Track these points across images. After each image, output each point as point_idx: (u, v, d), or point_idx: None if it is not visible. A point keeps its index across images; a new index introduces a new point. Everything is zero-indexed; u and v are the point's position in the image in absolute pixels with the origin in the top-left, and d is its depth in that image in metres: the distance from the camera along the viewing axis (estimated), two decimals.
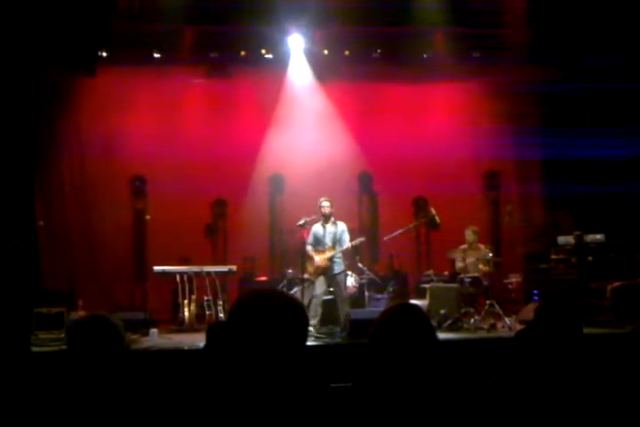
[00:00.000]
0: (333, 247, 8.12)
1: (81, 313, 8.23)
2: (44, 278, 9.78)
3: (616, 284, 8.28)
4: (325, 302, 8.33)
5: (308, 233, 8.32)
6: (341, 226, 8.24)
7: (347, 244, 8.13)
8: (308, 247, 8.21)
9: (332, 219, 8.21)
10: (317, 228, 8.23)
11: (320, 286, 8.10)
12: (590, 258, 8.81)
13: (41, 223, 9.35)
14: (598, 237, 8.94)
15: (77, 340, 2.30)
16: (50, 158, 10.39)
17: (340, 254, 8.17)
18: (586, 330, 2.47)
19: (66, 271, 9.98)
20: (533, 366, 2.30)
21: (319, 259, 8.09)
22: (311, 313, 7.92)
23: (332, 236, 8.16)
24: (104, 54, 9.85)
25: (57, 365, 2.30)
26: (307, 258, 8.26)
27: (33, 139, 9.87)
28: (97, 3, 8.96)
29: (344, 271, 8.33)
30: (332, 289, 8.24)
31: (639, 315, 7.19)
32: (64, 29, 9.22)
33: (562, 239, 9.25)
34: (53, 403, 2.15)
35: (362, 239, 8.34)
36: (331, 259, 8.08)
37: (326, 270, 8.08)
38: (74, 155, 10.59)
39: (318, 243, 8.20)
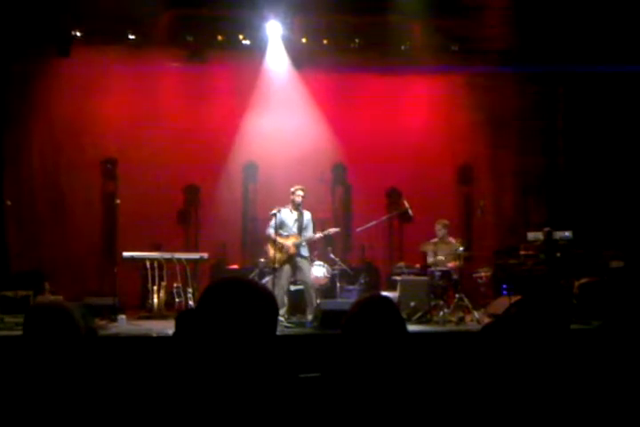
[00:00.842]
0: (299, 235, 8.13)
1: (48, 297, 8.15)
2: (11, 261, 9.66)
3: (583, 280, 8.41)
4: (293, 292, 8.33)
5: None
6: (307, 215, 8.27)
7: (311, 233, 8.15)
8: (270, 230, 8.14)
9: (300, 207, 8.22)
10: (285, 213, 8.20)
11: (285, 274, 8.05)
12: (559, 254, 8.93)
13: (8, 203, 9.20)
14: (567, 233, 9.06)
15: (32, 326, 2.27)
16: (19, 138, 10.22)
17: (304, 243, 8.17)
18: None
19: (34, 254, 9.86)
20: (500, 359, 2.32)
21: (288, 243, 8.04)
22: (279, 302, 7.90)
23: (299, 223, 8.18)
24: (78, 34, 9.67)
25: (16, 350, 2.26)
26: (269, 241, 8.19)
27: (1, 120, 9.72)
28: None
29: (309, 257, 8.33)
30: (298, 278, 8.22)
31: (606, 311, 7.31)
32: (37, 9, 9.06)
33: (531, 235, 9.35)
34: (11, 390, 2.12)
35: (336, 229, 8.36)
36: (297, 246, 8.08)
37: (292, 257, 8.06)
38: (45, 135, 10.40)
39: (282, 228, 8.16)
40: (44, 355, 2.20)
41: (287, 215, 8.21)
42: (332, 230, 8.27)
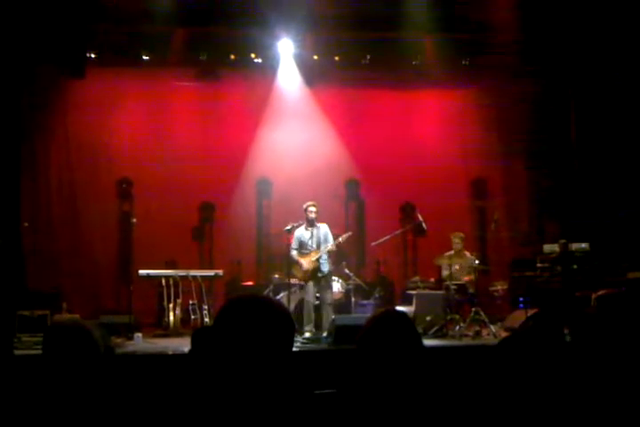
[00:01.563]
0: (318, 249, 8.13)
1: (65, 316, 8.18)
2: (28, 280, 9.72)
3: (601, 292, 8.32)
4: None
5: (292, 237, 8.30)
6: (324, 228, 8.27)
7: (331, 243, 8.15)
8: (293, 252, 8.19)
9: (315, 223, 8.22)
10: (301, 232, 8.22)
11: (310, 290, 8.08)
12: (575, 266, 8.85)
13: (26, 224, 9.29)
14: (583, 245, 8.99)
15: (51, 346, 2.28)
16: (37, 160, 10.34)
17: (325, 256, 8.17)
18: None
19: (51, 274, 9.91)
20: (517, 373, 2.31)
21: (306, 262, 8.07)
22: (305, 319, 7.91)
23: (317, 239, 8.18)
24: (92, 56, 9.82)
25: (36, 369, 2.27)
26: (292, 263, 8.23)
27: (19, 141, 9.83)
28: (85, 4, 8.93)
29: (331, 272, 8.33)
30: (318, 293, 8.23)
31: (623, 323, 7.22)
32: (52, 31, 9.20)
33: (547, 247, 9.29)
34: (31, 407, 2.13)
35: (349, 234, 8.35)
36: (317, 260, 8.08)
37: (315, 273, 8.08)
38: (61, 157, 10.52)
39: (302, 247, 8.19)
40: (63, 374, 2.21)
41: (303, 233, 8.23)
42: (345, 236, 8.27)
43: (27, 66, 9.45)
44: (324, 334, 7.77)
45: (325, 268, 8.18)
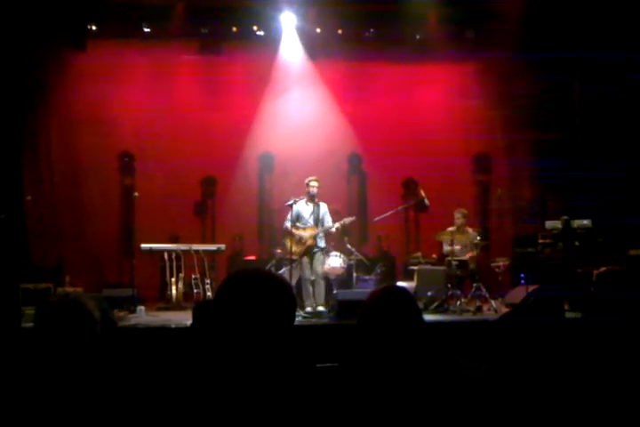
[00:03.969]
0: (316, 226, 8.10)
1: (67, 289, 8.24)
2: (32, 254, 9.76)
3: (602, 269, 8.34)
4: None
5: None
6: (324, 207, 8.21)
7: (328, 224, 8.12)
8: (288, 224, 8.11)
9: (316, 199, 8.18)
10: (301, 205, 8.16)
11: (306, 266, 8.07)
12: (577, 243, 8.86)
13: (29, 198, 9.30)
14: (585, 222, 8.98)
15: (42, 322, 2.28)
16: (38, 134, 10.32)
17: (321, 234, 8.16)
18: (570, 314, 2.49)
19: (54, 247, 9.96)
20: (518, 349, 2.32)
21: (306, 235, 8.03)
22: (304, 294, 7.92)
23: (315, 215, 8.14)
24: (93, 28, 9.72)
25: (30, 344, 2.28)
26: (286, 235, 8.18)
27: (21, 114, 9.80)
28: None
29: (325, 247, 8.32)
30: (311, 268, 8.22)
31: (625, 300, 7.25)
32: (52, 3, 9.10)
33: (549, 224, 9.28)
34: (28, 381, 2.15)
35: (352, 218, 8.31)
36: (314, 237, 8.06)
37: (310, 248, 8.06)
38: (63, 131, 10.48)
39: (299, 220, 8.14)
40: (56, 347, 2.22)
41: (303, 208, 8.18)
42: (348, 220, 8.23)
43: (27, 39, 9.37)
44: (321, 308, 7.78)
45: (321, 243, 8.16)
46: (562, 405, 2.18)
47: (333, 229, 8.14)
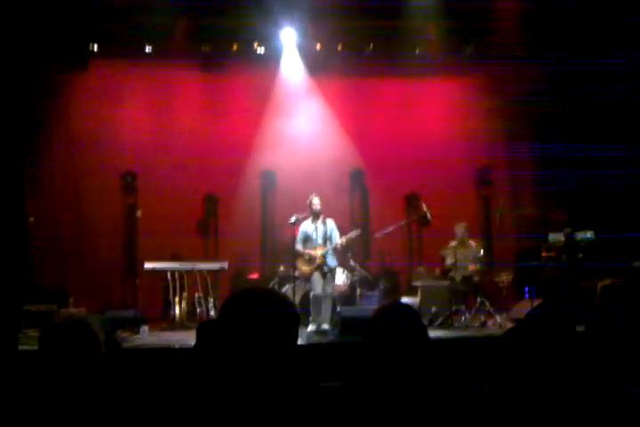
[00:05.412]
0: (324, 245, 8.08)
1: (71, 310, 8.21)
2: (35, 276, 9.75)
3: (606, 281, 8.28)
4: (306, 301, 8.28)
5: (298, 231, 8.26)
6: (330, 223, 8.20)
7: (337, 241, 8.09)
8: (298, 246, 8.13)
9: (322, 216, 8.17)
10: (307, 225, 8.17)
11: (318, 283, 7.99)
12: (581, 255, 8.82)
13: (31, 220, 9.30)
14: (588, 234, 8.95)
15: (50, 343, 2.27)
16: (41, 154, 10.33)
17: (331, 251, 8.13)
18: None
19: (57, 269, 9.93)
20: (524, 365, 2.30)
21: (315, 254, 8.01)
22: (313, 312, 7.85)
23: (323, 233, 8.12)
24: (95, 48, 9.79)
25: (34, 365, 2.27)
26: (298, 257, 8.17)
27: (23, 135, 9.83)
28: None
29: (336, 267, 8.30)
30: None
31: (629, 312, 7.20)
32: (54, 24, 9.17)
33: (552, 237, 9.25)
34: (31, 403, 2.13)
35: (357, 232, 8.30)
36: (324, 256, 8.04)
37: (321, 267, 8.04)
38: (65, 150, 10.51)
39: (308, 240, 8.14)
40: (62, 369, 2.21)
41: (309, 228, 8.15)
42: (354, 233, 8.22)
43: (29, 59, 9.44)
44: (325, 326, 7.74)
45: (332, 263, 8.13)
46: (567, 421, 2.16)
47: (339, 244, 8.13)
